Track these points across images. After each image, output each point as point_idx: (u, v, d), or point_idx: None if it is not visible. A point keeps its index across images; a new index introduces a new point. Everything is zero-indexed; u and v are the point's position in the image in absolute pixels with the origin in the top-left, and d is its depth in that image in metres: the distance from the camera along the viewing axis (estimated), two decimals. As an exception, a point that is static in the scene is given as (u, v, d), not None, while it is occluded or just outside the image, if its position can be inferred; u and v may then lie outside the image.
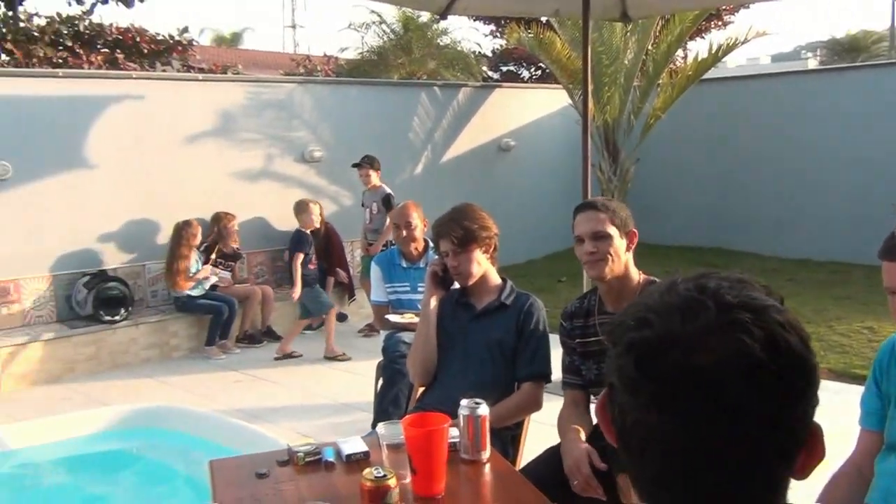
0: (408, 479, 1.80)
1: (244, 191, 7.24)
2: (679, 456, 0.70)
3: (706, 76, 8.74)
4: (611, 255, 2.32)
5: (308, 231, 6.48)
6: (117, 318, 6.11)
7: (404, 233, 4.29)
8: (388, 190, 6.85)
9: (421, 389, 2.93)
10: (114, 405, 5.12)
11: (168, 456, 4.72)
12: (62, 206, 6.25)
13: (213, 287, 6.52)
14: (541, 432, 2.91)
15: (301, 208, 6.55)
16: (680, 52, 12.28)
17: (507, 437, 2.70)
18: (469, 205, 2.92)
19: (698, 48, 15.15)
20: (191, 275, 6.33)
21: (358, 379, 5.53)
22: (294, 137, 7.63)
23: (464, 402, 2.04)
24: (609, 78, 8.28)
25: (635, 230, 2.42)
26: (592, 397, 2.48)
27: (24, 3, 12.72)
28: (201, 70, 12.81)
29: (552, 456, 2.40)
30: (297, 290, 6.25)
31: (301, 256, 6.28)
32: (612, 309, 2.41)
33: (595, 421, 2.45)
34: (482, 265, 2.81)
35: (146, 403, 5.11)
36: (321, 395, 5.29)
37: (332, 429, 4.44)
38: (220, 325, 6.34)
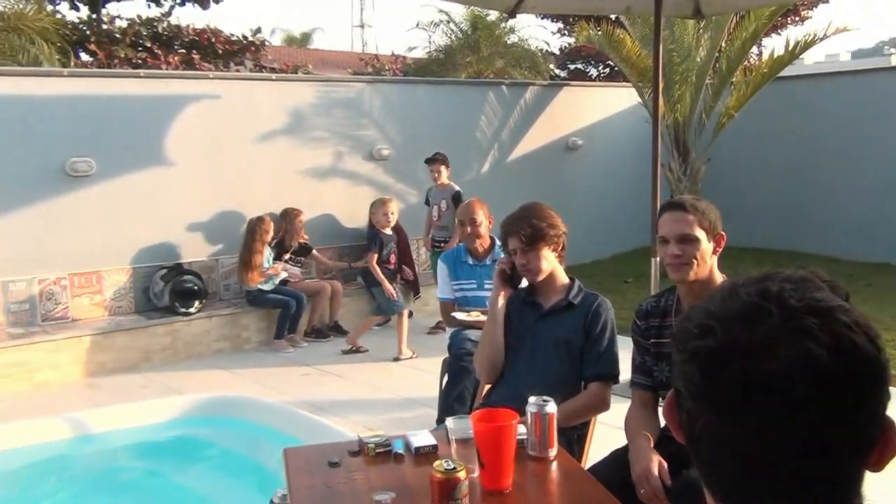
0: (476, 474, 1.82)
1: (313, 188, 7.40)
2: (749, 459, 0.70)
3: (782, 74, 8.49)
4: (696, 259, 2.24)
5: (383, 230, 6.48)
6: (192, 310, 6.32)
7: (469, 230, 4.32)
8: (458, 187, 6.89)
9: (487, 387, 2.95)
10: (188, 394, 5.29)
11: (238, 444, 4.86)
12: (142, 201, 6.50)
13: (284, 282, 6.68)
14: (606, 434, 2.90)
15: (377, 206, 6.54)
16: (754, 50, 11.96)
17: (573, 437, 2.69)
18: (538, 203, 2.92)
19: (774, 45, 14.72)
20: (263, 270, 6.50)
21: (423, 375, 5.59)
22: (362, 136, 7.75)
23: (532, 399, 2.05)
24: (680, 76, 8.14)
25: (723, 232, 2.33)
26: (661, 399, 2.45)
27: (107, 5, 13.28)
28: (273, 70, 13.13)
29: (618, 458, 2.37)
30: (389, 287, 6.27)
31: (375, 256, 6.32)
32: None
33: (663, 423, 2.43)
34: (550, 264, 2.81)
35: (219, 393, 5.27)
36: (386, 390, 5.36)
37: (396, 423, 4.50)
38: (288, 319, 6.49)
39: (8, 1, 9.24)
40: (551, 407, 2.03)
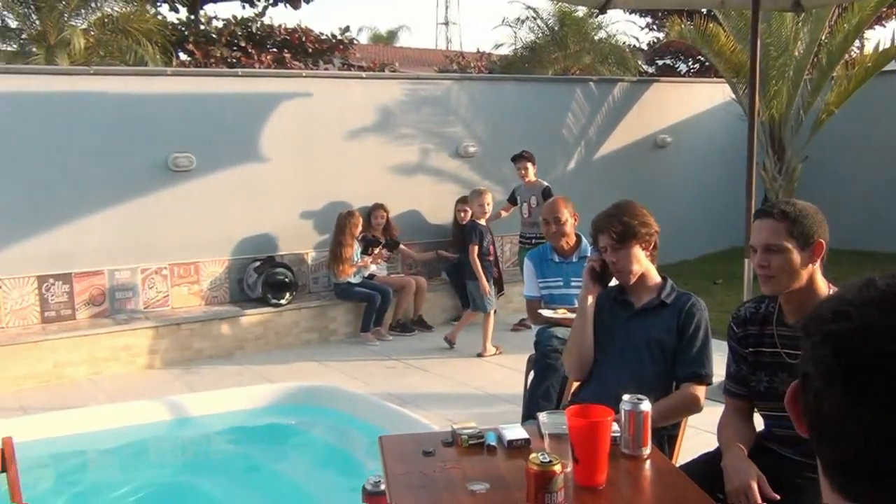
0: (569, 468, 1.83)
1: (400, 184, 7.51)
2: (876, 442, 0.71)
3: (887, 68, 8.09)
4: (785, 270, 2.08)
5: (481, 222, 6.36)
6: (283, 301, 6.53)
7: (553, 228, 4.29)
8: (546, 183, 6.87)
9: (575, 384, 2.94)
10: (278, 382, 5.47)
11: (325, 432, 5.01)
12: (238, 195, 6.76)
13: (371, 276, 6.82)
14: (694, 437, 2.85)
15: (474, 197, 6.42)
16: (856, 43, 11.41)
17: (664, 437, 2.66)
18: (630, 201, 2.89)
19: (879, 37, 14.00)
20: (353, 263, 6.65)
21: (507, 372, 5.61)
22: (449, 133, 7.82)
23: (626, 397, 2.04)
24: (777, 71, 7.87)
25: (823, 239, 2.12)
26: (756, 410, 2.37)
27: (204, 7, 13.82)
28: (360, 67, 13.38)
29: (708, 462, 2.33)
30: (486, 284, 6.17)
31: (475, 248, 6.22)
32: (791, 321, 2.20)
33: (759, 428, 2.37)
34: (642, 262, 2.78)
35: (307, 382, 5.42)
36: (470, 386, 5.41)
37: (480, 418, 4.45)
38: (374, 313, 6.62)
39: (116, 3, 9.73)
40: (646, 405, 2.02)
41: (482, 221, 6.35)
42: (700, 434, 3.32)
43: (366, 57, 16.54)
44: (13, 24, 9.70)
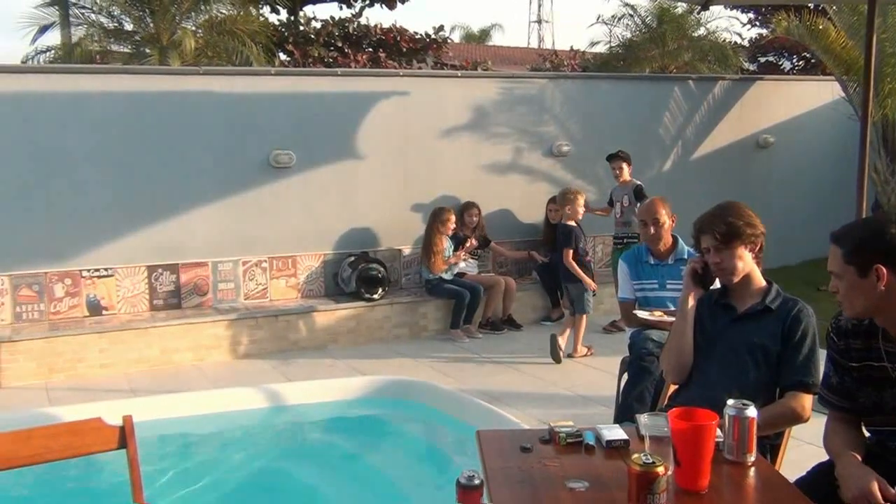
0: (670, 471, 1.81)
1: (493, 183, 7.53)
2: None
3: None
4: (848, 296, 2.06)
5: (574, 224, 6.21)
6: (376, 296, 6.66)
7: (652, 230, 4.20)
8: (638, 182, 6.75)
9: (672, 388, 2.89)
10: (370, 375, 5.59)
11: (414, 426, 5.08)
12: (334, 191, 6.94)
13: (461, 274, 6.87)
14: (796, 448, 2.75)
15: (568, 199, 6.19)
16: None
17: (766, 447, 2.58)
18: (735, 202, 2.82)
19: None
20: (445, 258, 6.72)
21: (597, 374, 5.55)
22: (543, 132, 7.78)
23: (730, 401, 1.99)
24: (891, 68, 7.48)
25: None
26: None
27: (303, 8, 14.22)
28: (453, 66, 13.47)
29: (823, 474, 2.24)
30: (591, 282, 6.05)
31: (570, 252, 6.08)
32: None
33: (868, 434, 2.26)
34: (746, 264, 2.70)
35: (398, 376, 5.51)
36: (560, 386, 5.37)
37: (571, 420, 4.48)
38: (463, 310, 6.67)
39: (223, 6, 10.14)
40: (751, 411, 1.96)
41: (572, 223, 6.23)
42: (802, 446, 3.20)
43: (458, 56, 16.66)
44: (129, 26, 10.24)
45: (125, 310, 6.29)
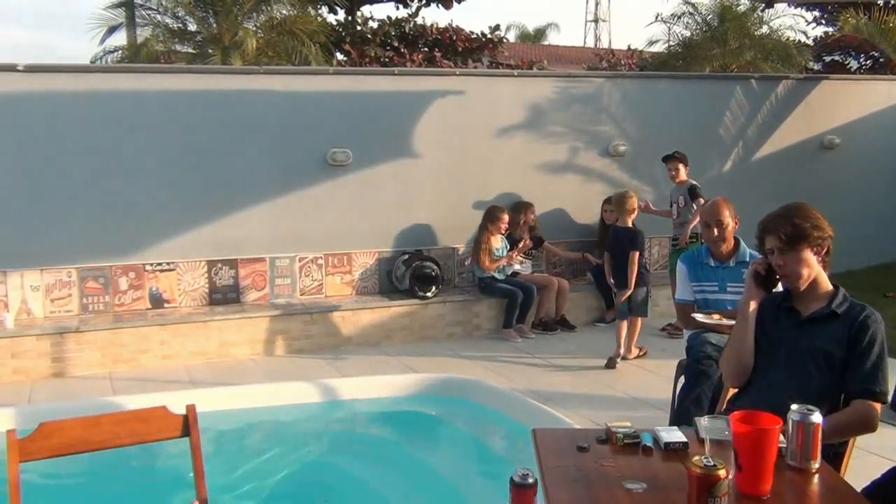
0: (731, 475, 1.77)
1: (547, 182, 7.49)
2: None
3: None
4: None
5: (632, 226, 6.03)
6: (429, 294, 6.69)
7: (715, 231, 4.11)
8: (694, 181, 6.63)
9: (731, 392, 2.83)
10: (423, 372, 5.62)
11: (467, 424, 5.09)
12: (389, 190, 6.99)
13: (514, 274, 6.86)
14: (860, 458, 2.66)
15: (628, 203, 5.98)
16: None
17: (829, 454, 2.50)
18: (802, 203, 2.74)
19: None
20: (496, 257, 6.71)
21: (651, 376, 5.48)
22: (599, 131, 7.70)
23: (794, 407, 1.95)
24: (967, 67, 7.17)
25: None
26: None
27: (361, 8, 14.37)
28: (508, 66, 13.44)
29: (887, 486, 2.17)
30: (629, 291, 5.87)
31: (637, 254, 5.88)
32: None
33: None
34: (812, 268, 2.62)
35: (451, 374, 5.53)
36: (613, 388, 5.31)
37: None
38: (516, 309, 6.65)
39: (283, 6, 10.32)
40: (817, 417, 1.91)
41: (629, 224, 6.08)
42: (866, 456, 3.11)
43: (514, 55, 16.61)
44: (192, 27, 10.50)
45: (186, 303, 6.45)
